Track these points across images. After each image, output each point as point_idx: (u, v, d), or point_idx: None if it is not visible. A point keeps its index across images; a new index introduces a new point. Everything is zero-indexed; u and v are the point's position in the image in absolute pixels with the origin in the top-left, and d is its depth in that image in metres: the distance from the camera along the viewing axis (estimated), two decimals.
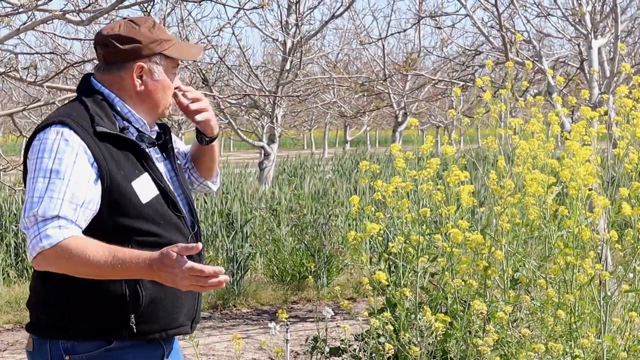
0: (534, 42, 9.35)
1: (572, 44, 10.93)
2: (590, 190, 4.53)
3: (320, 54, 16.96)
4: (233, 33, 12.18)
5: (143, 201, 2.95)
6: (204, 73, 12.12)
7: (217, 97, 9.92)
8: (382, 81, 15.61)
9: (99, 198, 2.89)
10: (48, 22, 6.08)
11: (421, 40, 16.36)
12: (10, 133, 31.81)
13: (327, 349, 5.32)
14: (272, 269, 10.35)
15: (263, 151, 14.20)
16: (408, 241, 4.67)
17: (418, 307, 4.59)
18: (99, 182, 2.90)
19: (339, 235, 10.32)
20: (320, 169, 23.44)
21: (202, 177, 3.40)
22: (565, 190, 4.58)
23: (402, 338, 4.41)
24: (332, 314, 5.27)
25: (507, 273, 4.60)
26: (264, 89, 13.45)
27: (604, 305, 4.40)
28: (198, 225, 3.15)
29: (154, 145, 3.12)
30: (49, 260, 2.81)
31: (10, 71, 6.10)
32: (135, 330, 2.93)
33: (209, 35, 10.35)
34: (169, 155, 3.18)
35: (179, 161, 3.26)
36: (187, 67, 11.62)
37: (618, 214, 4.46)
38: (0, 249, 10.35)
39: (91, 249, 2.78)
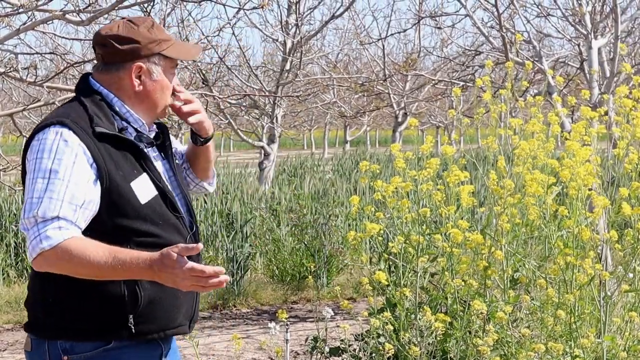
0: (534, 42, 9.35)
1: (572, 44, 10.93)
2: (590, 190, 4.52)
3: (320, 54, 16.95)
4: (233, 33, 12.18)
5: (142, 202, 2.94)
6: (204, 73, 12.11)
7: (217, 97, 9.90)
8: (382, 81, 15.61)
9: (98, 199, 2.89)
10: (48, 22, 6.07)
11: (421, 41, 16.37)
12: (10, 133, 31.79)
13: (327, 349, 5.31)
14: (272, 269, 10.34)
15: (263, 151, 14.20)
16: (408, 241, 4.67)
17: (418, 307, 4.59)
18: (98, 182, 2.89)
19: (339, 235, 10.31)
20: (320, 169, 23.43)
21: (198, 178, 3.39)
22: (565, 190, 4.57)
23: (402, 338, 4.40)
24: (332, 314, 5.26)
25: (507, 273, 4.59)
26: (264, 89, 13.44)
27: (604, 305, 4.39)
28: (196, 226, 3.15)
29: (153, 145, 3.11)
30: (49, 261, 2.80)
31: (10, 71, 6.10)
32: (134, 330, 2.93)
33: (209, 36, 10.37)
34: (167, 154, 3.17)
35: (177, 161, 3.25)
36: (187, 67, 11.61)
37: (618, 214, 4.45)
38: (0, 249, 10.34)
39: (91, 250, 2.78)
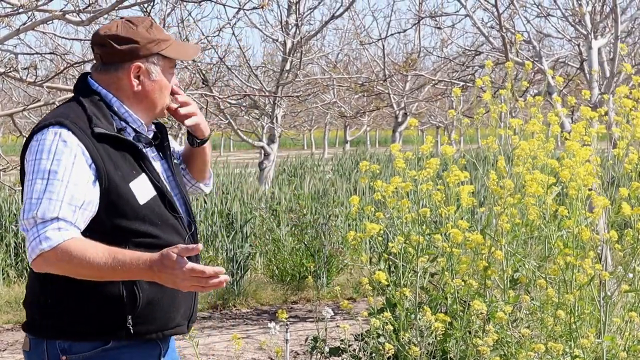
0: (534, 43, 9.35)
1: (572, 44, 10.92)
2: (590, 190, 4.52)
3: (320, 54, 16.95)
4: (233, 33, 12.17)
5: (141, 202, 2.94)
6: (204, 73, 12.11)
7: (217, 97, 9.90)
8: (382, 81, 15.60)
9: (97, 199, 2.88)
10: (48, 23, 6.07)
11: (421, 41, 16.36)
12: (10, 133, 31.80)
13: (326, 349, 5.31)
14: (272, 269, 10.34)
15: (263, 151, 14.20)
16: (408, 241, 4.67)
17: (418, 307, 4.59)
18: (97, 183, 2.89)
19: (338, 235, 10.30)
20: (320, 169, 23.43)
21: (194, 179, 3.39)
22: (565, 190, 4.57)
23: (402, 338, 4.40)
24: (332, 314, 5.26)
25: (507, 273, 4.59)
26: (264, 89, 13.44)
27: (604, 305, 4.39)
28: (195, 226, 3.14)
29: (151, 145, 3.11)
30: (48, 262, 2.80)
31: (10, 71, 6.09)
32: (132, 330, 2.93)
33: (209, 36, 10.37)
34: (165, 155, 3.17)
35: (176, 161, 3.25)
36: (187, 67, 11.62)
37: (618, 214, 4.45)
38: (0, 249, 10.34)
39: (91, 251, 2.78)
